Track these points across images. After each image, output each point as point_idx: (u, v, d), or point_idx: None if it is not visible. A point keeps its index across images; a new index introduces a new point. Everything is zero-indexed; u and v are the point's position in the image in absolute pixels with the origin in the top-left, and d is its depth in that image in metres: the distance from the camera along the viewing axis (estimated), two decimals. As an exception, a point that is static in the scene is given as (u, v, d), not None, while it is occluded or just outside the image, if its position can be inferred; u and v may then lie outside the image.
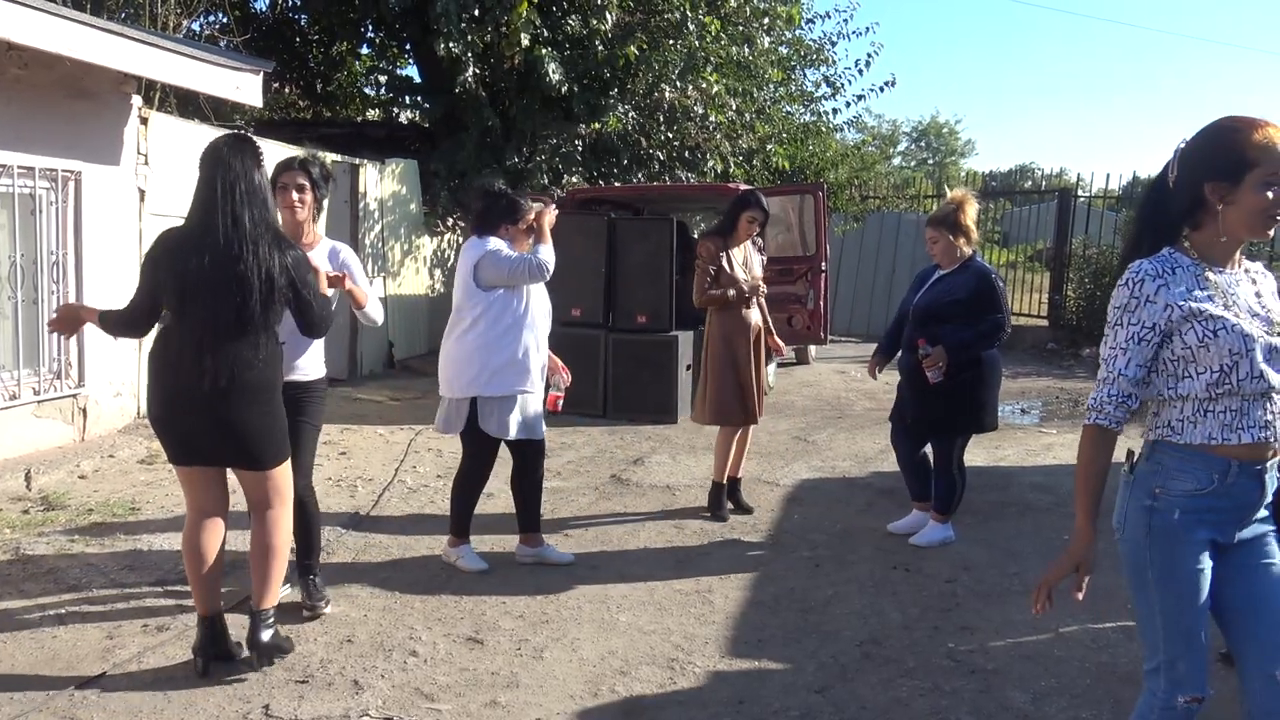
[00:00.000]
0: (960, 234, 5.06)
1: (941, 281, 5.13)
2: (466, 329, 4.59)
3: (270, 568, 3.54)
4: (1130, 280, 2.30)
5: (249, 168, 3.38)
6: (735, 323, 5.56)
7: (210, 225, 3.29)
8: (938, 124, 50.91)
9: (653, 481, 6.45)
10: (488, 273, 4.51)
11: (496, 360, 4.55)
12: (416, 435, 7.67)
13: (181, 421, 3.39)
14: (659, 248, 8.64)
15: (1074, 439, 8.07)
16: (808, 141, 14.01)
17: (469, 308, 4.59)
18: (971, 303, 4.98)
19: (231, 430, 3.38)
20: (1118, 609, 4.33)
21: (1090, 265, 14.27)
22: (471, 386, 4.57)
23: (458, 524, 4.79)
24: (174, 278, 3.30)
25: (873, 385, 11.19)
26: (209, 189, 3.33)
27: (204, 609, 3.51)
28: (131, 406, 6.98)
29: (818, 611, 4.31)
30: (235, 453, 3.45)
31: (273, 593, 3.56)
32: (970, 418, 5.16)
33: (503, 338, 4.56)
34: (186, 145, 7.40)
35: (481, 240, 4.61)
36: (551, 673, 3.65)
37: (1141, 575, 2.45)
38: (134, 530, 5.08)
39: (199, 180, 3.37)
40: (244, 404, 3.37)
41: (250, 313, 3.31)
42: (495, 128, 10.99)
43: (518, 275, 4.51)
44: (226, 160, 3.35)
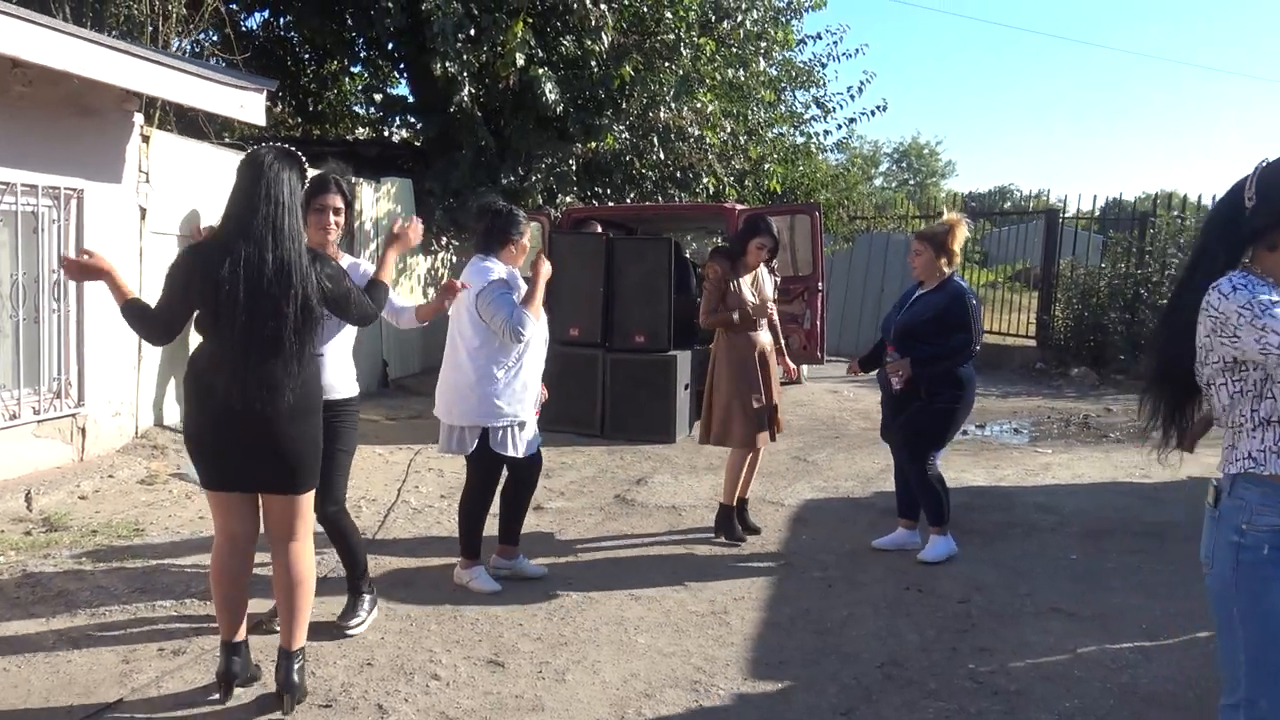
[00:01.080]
0: (944, 254, 5.19)
1: (919, 301, 5.26)
2: (466, 358, 4.57)
3: (301, 602, 3.44)
4: (1243, 283, 2.25)
5: (295, 182, 3.29)
6: (744, 343, 5.54)
7: (250, 238, 3.15)
8: (919, 145, 51.33)
9: (658, 502, 6.44)
10: (484, 310, 4.48)
11: (496, 389, 4.53)
12: (416, 455, 7.63)
13: (220, 444, 3.29)
14: (657, 267, 8.65)
15: (1069, 459, 8.16)
16: (798, 162, 14.08)
17: (470, 335, 4.57)
18: (942, 321, 5.10)
19: (272, 453, 3.29)
20: (1134, 629, 4.37)
21: (1078, 286, 14.40)
22: (469, 416, 4.56)
23: (468, 545, 4.76)
24: (210, 293, 3.15)
25: (867, 405, 11.26)
26: (250, 200, 3.20)
27: (229, 634, 3.44)
28: (130, 426, 6.91)
29: (834, 633, 4.31)
30: (273, 476, 3.35)
31: (304, 629, 3.46)
32: (940, 433, 5.23)
33: (501, 367, 4.55)
34: (187, 164, 7.39)
35: (485, 263, 4.59)
36: (575, 696, 3.63)
37: (1227, 610, 2.39)
38: (140, 552, 5.03)
39: (239, 190, 3.24)
40: (286, 425, 3.28)
41: (291, 331, 3.20)
42: (490, 147, 11.00)
43: (500, 329, 4.47)
44: (275, 171, 3.22)
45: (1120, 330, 13.31)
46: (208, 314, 3.21)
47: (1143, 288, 13.51)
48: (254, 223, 3.17)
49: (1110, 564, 5.30)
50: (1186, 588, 4.88)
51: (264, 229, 3.16)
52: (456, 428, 4.63)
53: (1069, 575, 5.10)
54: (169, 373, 7.34)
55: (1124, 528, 5.94)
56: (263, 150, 3.31)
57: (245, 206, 3.20)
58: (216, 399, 3.20)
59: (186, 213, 7.41)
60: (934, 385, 5.07)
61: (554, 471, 7.22)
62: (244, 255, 3.13)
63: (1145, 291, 13.46)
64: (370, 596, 4.27)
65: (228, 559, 3.42)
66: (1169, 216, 14.20)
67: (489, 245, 4.66)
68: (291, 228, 3.22)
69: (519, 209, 4.83)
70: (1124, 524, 6.02)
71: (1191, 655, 4.07)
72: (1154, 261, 13.63)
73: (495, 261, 4.61)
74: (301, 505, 3.44)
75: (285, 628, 3.44)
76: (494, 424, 4.56)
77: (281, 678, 3.39)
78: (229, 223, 3.24)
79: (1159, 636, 4.28)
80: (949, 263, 5.18)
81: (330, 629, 4.07)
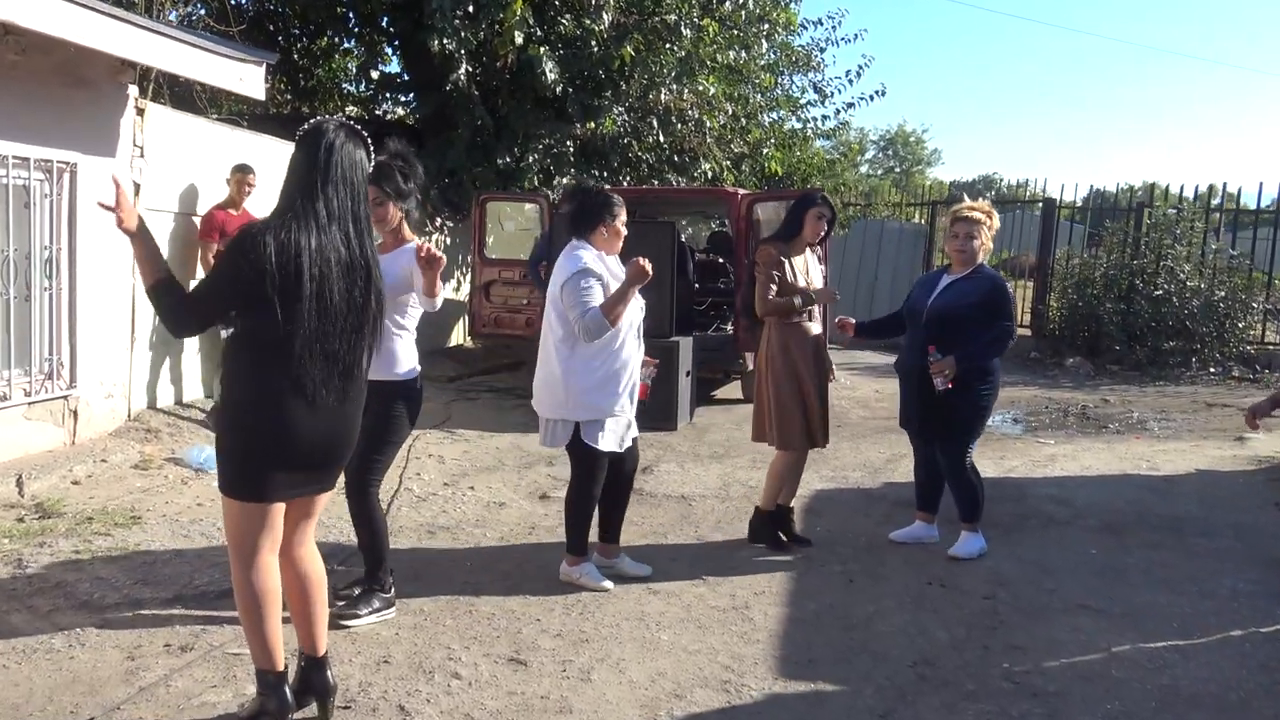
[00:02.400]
0: (988, 238, 5.04)
1: (955, 286, 5.06)
2: (553, 349, 4.40)
3: (322, 601, 3.22)
4: None
5: (364, 162, 3.04)
6: (797, 335, 5.16)
7: (328, 224, 2.89)
8: (905, 133, 51.31)
9: (666, 491, 6.32)
10: (566, 302, 4.30)
11: (589, 382, 4.35)
12: (414, 440, 7.44)
13: (306, 447, 2.95)
14: (660, 251, 8.47)
15: (1073, 450, 8.09)
16: (794, 148, 13.94)
17: (555, 325, 4.40)
18: (985, 307, 4.94)
19: (345, 449, 3.11)
20: (1166, 628, 4.27)
21: (1073, 276, 14.35)
22: (559, 409, 4.40)
23: (578, 541, 4.57)
24: (290, 282, 2.81)
25: (864, 393, 11.17)
26: (317, 176, 2.90)
27: (280, 663, 3.04)
28: (122, 408, 6.71)
29: (861, 629, 4.19)
30: (336, 473, 3.16)
31: (326, 628, 3.25)
32: (974, 424, 5.08)
33: (595, 359, 4.36)
34: (182, 139, 7.17)
35: (576, 250, 4.40)
36: (603, 696, 3.50)
37: None
38: (139, 542, 4.85)
39: (306, 169, 2.92)
40: (358, 418, 3.12)
41: (374, 320, 3.04)
42: (486, 126, 10.80)
43: (577, 325, 4.27)
44: (342, 148, 2.96)
45: (1115, 320, 13.27)
46: (286, 304, 2.82)
47: (1138, 278, 13.47)
48: (331, 207, 2.91)
49: (1131, 559, 5.21)
50: (1212, 584, 4.81)
51: (343, 213, 2.93)
52: (549, 421, 4.48)
53: (1091, 570, 5.01)
54: (163, 353, 7.14)
55: (1140, 521, 5.86)
56: (329, 125, 3.01)
57: (317, 187, 2.91)
58: (302, 397, 2.90)
59: (184, 188, 7.19)
60: (966, 377, 4.91)
61: (557, 459, 7.06)
62: (327, 242, 2.89)
63: (1140, 282, 13.42)
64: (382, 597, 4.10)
65: (276, 573, 3.06)
66: (1165, 206, 14.16)
67: (579, 229, 4.46)
68: (365, 211, 3.03)
69: (611, 190, 4.61)
70: (1139, 517, 5.94)
71: (1228, 655, 3.97)
72: (1149, 252, 13.60)
73: (587, 248, 4.41)
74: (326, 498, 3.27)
75: (316, 632, 3.17)
76: (584, 418, 4.39)
77: (319, 684, 3.17)
78: (297, 204, 2.90)
79: (1192, 635, 4.19)
80: (988, 250, 5.08)
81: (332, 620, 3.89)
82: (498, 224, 10.57)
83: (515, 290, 10.02)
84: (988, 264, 5.15)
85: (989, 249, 5.06)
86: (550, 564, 4.83)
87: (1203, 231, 13.89)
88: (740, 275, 9.57)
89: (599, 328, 4.24)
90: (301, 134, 3.02)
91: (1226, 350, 13.14)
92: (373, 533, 4.05)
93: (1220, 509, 6.13)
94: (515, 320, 10.08)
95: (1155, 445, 8.31)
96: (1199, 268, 13.44)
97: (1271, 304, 14.01)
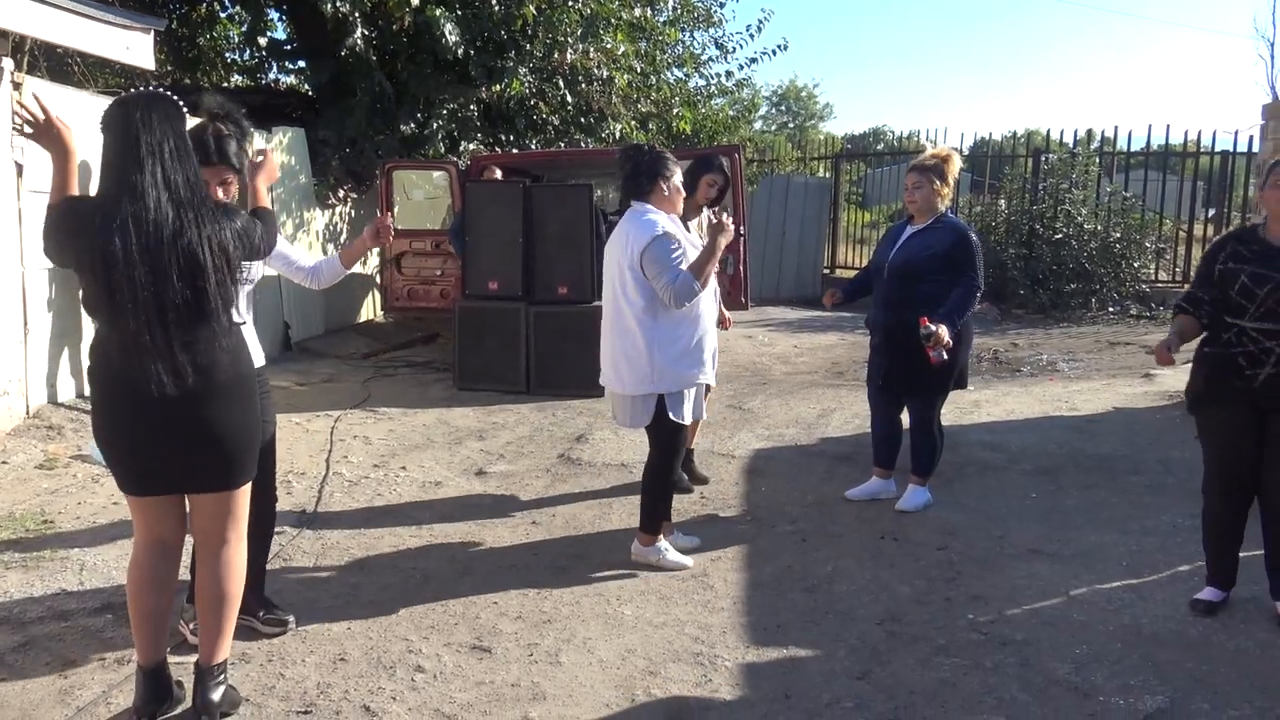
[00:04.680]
0: (944, 183, 4.95)
1: (917, 236, 4.98)
2: (633, 321, 4.18)
3: (227, 617, 3.01)
4: None
5: (176, 126, 2.82)
6: None
7: (136, 195, 2.69)
8: (796, 88, 51.56)
9: (605, 460, 6.19)
10: (649, 268, 4.10)
11: (674, 351, 4.19)
12: (336, 422, 7.18)
13: (142, 442, 2.82)
14: (578, 215, 8.31)
15: (994, 395, 8.22)
16: (699, 105, 13.82)
17: (635, 296, 4.17)
18: (950, 258, 4.85)
19: (206, 443, 2.85)
20: (1117, 568, 4.34)
21: (975, 224, 14.60)
22: (644, 384, 4.21)
23: (654, 522, 4.40)
24: (99, 265, 2.66)
25: (782, 349, 11.20)
26: (129, 153, 2.73)
27: (148, 657, 2.95)
28: (20, 406, 6.27)
29: (823, 590, 4.15)
30: (207, 472, 2.91)
31: (228, 643, 3.04)
32: (946, 379, 5.05)
33: (675, 329, 4.20)
34: (66, 114, 6.65)
35: (646, 215, 4.20)
36: (576, 679, 3.38)
37: None
38: (55, 547, 4.52)
39: (111, 145, 2.78)
40: (221, 407, 2.86)
41: (207, 294, 2.76)
42: (386, 93, 10.41)
43: (665, 292, 4.08)
44: (147, 118, 2.76)
45: (1019, 266, 13.57)
46: (100, 291, 2.70)
47: (1037, 224, 13.79)
48: (141, 180, 2.71)
49: (1070, 500, 5.30)
50: (1152, 521, 4.91)
51: (155, 184, 2.72)
52: (630, 397, 4.27)
53: (1035, 514, 5.07)
54: (61, 344, 6.70)
55: (1072, 462, 5.97)
56: (131, 98, 2.83)
57: (124, 162, 2.74)
58: (131, 388, 2.75)
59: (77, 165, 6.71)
60: None
61: (487, 433, 6.90)
62: (135, 216, 2.68)
63: (1040, 227, 13.74)
64: None
65: (154, 568, 2.96)
66: (1062, 152, 14.48)
67: (640, 188, 4.25)
68: (189, 178, 2.80)
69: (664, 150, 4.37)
70: (1071, 459, 6.05)
71: (1180, 591, 4.05)
72: (1048, 197, 13.91)
73: (657, 211, 4.23)
74: (237, 501, 3.02)
75: (208, 641, 3.00)
76: (671, 390, 4.22)
77: (200, 698, 2.98)
78: (111, 183, 2.76)
79: (1143, 573, 4.27)
80: (947, 195, 4.97)
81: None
82: (404, 194, 10.21)
83: (428, 261, 9.72)
84: (952, 213, 5.08)
85: (945, 195, 4.96)
86: (498, 543, 4.69)
87: (1097, 175, 14.26)
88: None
89: (689, 291, 4.09)
90: (103, 115, 2.83)
91: (1124, 290, 13.57)
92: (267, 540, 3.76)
93: (1145, 446, 6.28)
94: (429, 293, 9.79)
95: (1070, 386, 8.50)
96: (1094, 211, 13.81)
97: (1162, 243, 14.50)
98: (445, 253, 9.29)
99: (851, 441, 6.49)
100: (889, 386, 5.14)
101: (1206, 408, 3.85)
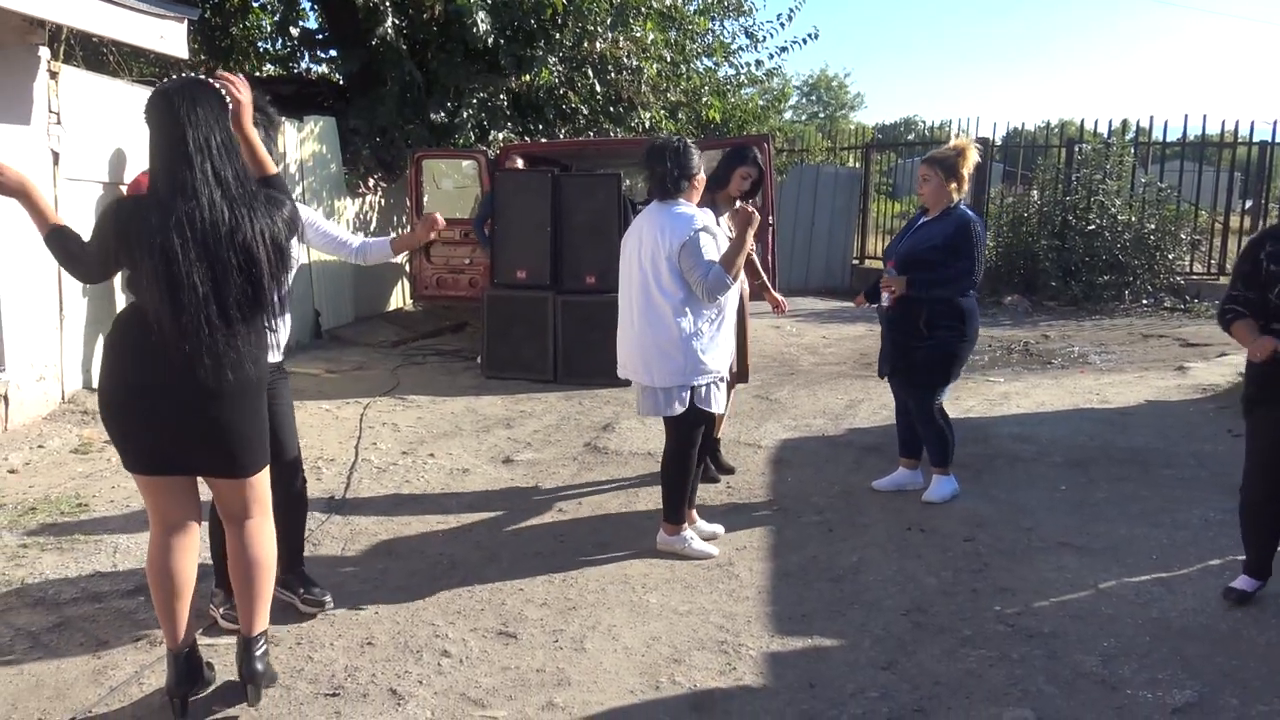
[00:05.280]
0: (954, 179, 4.93)
1: (924, 228, 5.02)
2: (669, 313, 4.19)
3: (261, 586, 3.04)
4: None
5: (222, 119, 2.82)
6: None
7: (189, 194, 2.68)
8: (827, 77, 51.24)
9: (631, 448, 6.20)
10: (686, 263, 4.13)
11: (704, 345, 4.24)
12: (365, 409, 7.24)
13: (152, 424, 2.82)
14: (607, 205, 8.32)
15: (1024, 386, 8.15)
16: (729, 94, 13.77)
17: (673, 289, 4.19)
18: (948, 249, 4.87)
19: (219, 434, 2.86)
20: (1146, 561, 4.30)
21: (1008, 214, 14.49)
22: (677, 375, 4.23)
23: (677, 511, 4.42)
24: (152, 258, 2.66)
25: (810, 339, 11.16)
26: (177, 150, 2.72)
27: (176, 641, 2.95)
28: (56, 391, 6.37)
29: (849, 580, 4.14)
30: (220, 460, 2.93)
31: (265, 614, 3.07)
32: (945, 371, 5.04)
33: (712, 321, 4.26)
34: (102, 103, 6.77)
35: (681, 209, 4.22)
36: (600, 666, 3.39)
37: None
38: (90, 530, 4.60)
39: (158, 142, 2.77)
40: (237, 403, 2.87)
41: (264, 287, 2.80)
42: (416, 82, 10.45)
43: (699, 286, 4.13)
44: (192, 112, 2.75)
45: (1051, 257, 13.45)
46: (152, 282, 2.69)
47: (1070, 214, 13.64)
48: (191, 178, 2.71)
49: (1101, 493, 5.25)
50: (1184, 515, 4.86)
51: (204, 182, 2.72)
52: (662, 390, 4.29)
53: (1065, 507, 5.03)
54: (95, 330, 6.79)
55: (1104, 455, 5.91)
56: (173, 88, 2.81)
57: (176, 159, 2.73)
58: (159, 368, 2.75)
59: (110, 156, 6.79)
60: (934, 319, 4.87)
61: (515, 421, 6.93)
62: (189, 215, 2.68)
63: (1073, 218, 13.60)
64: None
65: (169, 554, 2.94)
66: (1096, 142, 14.32)
67: (674, 188, 4.25)
68: (237, 172, 2.80)
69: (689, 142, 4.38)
70: (1102, 452, 5.99)
71: (1211, 585, 4.00)
72: (1081, 188, 13.76)
73: (688, 205, 4.26)
74: (256, 485, 3.04)
75: (245, 613, 3.04)
76: (700, 381, 4.26)
77: (245, 668, 3.01)
78: (162, 181, 2.75)
79: (1173, 567, 4.22)
80: (959, 189, 4.94)
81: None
82: (434, 183, 10.26)
83: (457, 250, 9.76)
84: (965, 204, 5.05)
85: (954, 189, 4.94)
86: (525, 530, 4.71)
87: (1131, 166, 14.08)
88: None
89: (721, 285, 4.14)
90: (145, 106, 2.82)
91: (1157, 282, 13.41)
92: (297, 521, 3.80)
93: (1179, 439, 6.22)
94: (458, 281, 9.84)
95: (1101, 378, 8.42)
96: (1128, 202, 13.65)
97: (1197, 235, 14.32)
98: (474, 242, 9.33)
99: (879, 432, 6.46)
100: (895, 375, 5.15)
101: (1258, 409, 3.80)
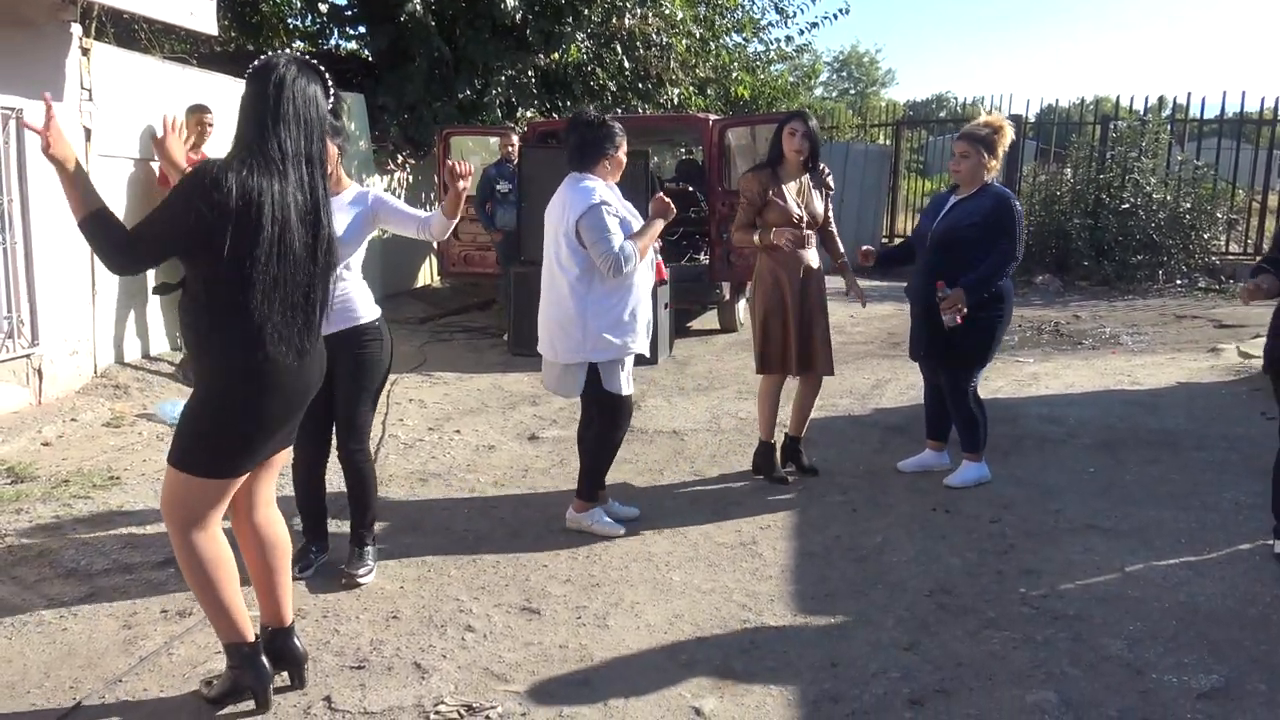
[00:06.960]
0: (993, 156, 4.85)
1: (960, 205, 4.91)
2: (566, 290, 4.18)
3: (286, 569, 3.03)
4: None
5: (322, 100, 2.76)
6: (785, 261, 5.00)
7: (285, 170, 2.62)
8: (858, 54, 50.82)
9: (657, 427, 6.21)
10: (587, 237, 4.09)
11: (604, 323, 4.17)
12: (392, 385, 7.27)
13: (280, 415, 2.77)
14: (633, 182, 8.25)
15: (1054, 367, 8.08)
16: (759, 71, 13.67)
17: (569, 264, 4.17)
18: (986, 227, 4.77)
19: (306, 405, 2.89)
20: (1175, 544, 4.26)
21: (1039, 193, 14.32)
22: (580, 353, 4.22)
23: (592, 487, 4.43)
24: (245, 234, 2.55)
25: (838, 318, 11.03)
26: (277, 122, 2.63)
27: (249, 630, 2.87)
28: (89, 365, 6.46)
29: (873, 560, 4.13)
30: (293, 431, 2.95)
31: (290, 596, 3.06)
32: (982, 352, 4.99)
33: (609, 298, 4.18)
34: (133, 80, 6.82)
35: (582, 181, 4.19)
36: (623, 642, 3.41)
37: None
38: (121, 502, 4.67)
39: (256, 109, 2.65)
40: (317, 370, 2.87)
41: (328, 267, 2.77)
42: (444, 58, 10.44)
43: (599, 259, 4.08)
44: (301, 89, 2.68)
45: (1083, 236, 13.29)
46: (242, 251, 2.56)
47: (1104, 193, 13.47)
48: (285, 148, 2.64)
49: (1130, 475, 5.20)
50: (1214, 498, 4.81)
51: (297, 154, 2.65)
52: (563, 366, 4.29)
53: (1093, 489, 4.99)
54: (127, 306, 6.87)
55: (1133, 437, 5.86)
56: (280, 60, 2.72)
57: (270, 127, 2.63)
58: (268, 360, 2.65)
59: (141, 132, 6.83)
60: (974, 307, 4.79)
61: (540, 398, 6.95)
62: (285, 186, 2.62)
63: (1107, 197, 13.43)
64: (374, 549, 3.99)
65: (219, 542, 2.81)
66: (1132, 120, 14.11)
67: (584, 161, 4.24)
68: (324, 157, 2.76)
69: (613, 119, 4.36)
70: (1132, 433, 5.93)
71: (1240, 569, 3.97)
72: (1115, 166, 13.57)
73: (595, 179, 4.21)
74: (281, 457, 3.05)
75: (280, 601, 2.98)
76: (603, 359, 4.23)
77: (294, 653, 3.02)
78: (253, 145, 2.63)
79: (1202, 551, 4.18)
80: (995, 166, 4.87)
81: (336, 581, 3.81)
82: (462, 160, 10.25)
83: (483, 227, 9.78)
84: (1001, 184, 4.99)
85: (993, 167, 4.87)
86: (549, 507, 4.73)
87: (1168, 143, 13.86)
88: (714, 204, 9.39)
89: (623, 262, 4.08)
90: (252, 70, 2.74)
91: (1192, 262, 13.24)
92: (369, 488, 3.91)
93: (1210, 421, 6.14)
94: (486, 258, 9.87)
95: (1132, 360, 8.33)
96: (1164, 180, 13.45)
97: (1234, 214, 14.10)
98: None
99: (905, 413, 6.43)
100: (930, 357, 5.09)
101: None
